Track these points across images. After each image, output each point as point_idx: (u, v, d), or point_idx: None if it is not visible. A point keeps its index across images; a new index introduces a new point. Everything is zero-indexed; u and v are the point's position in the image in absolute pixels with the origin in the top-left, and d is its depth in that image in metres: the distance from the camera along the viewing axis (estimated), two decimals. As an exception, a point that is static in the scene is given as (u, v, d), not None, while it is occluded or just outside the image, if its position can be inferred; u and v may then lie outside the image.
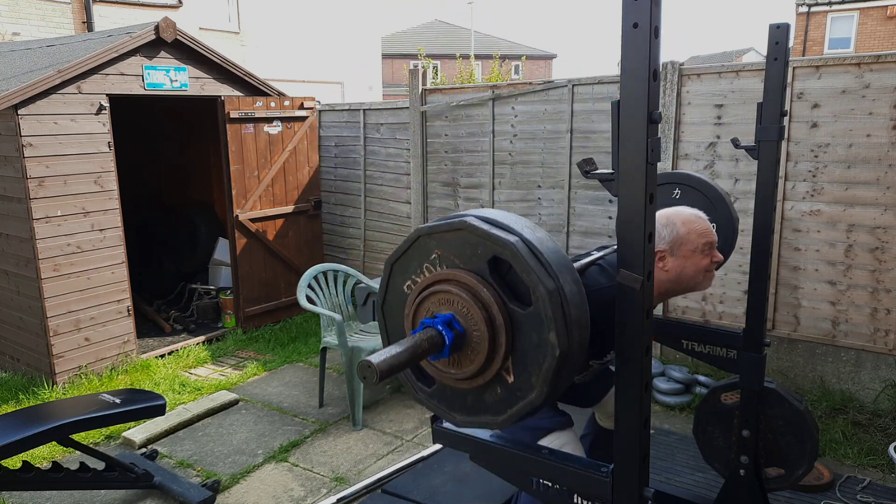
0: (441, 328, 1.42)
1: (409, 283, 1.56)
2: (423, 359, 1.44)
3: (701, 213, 2.12)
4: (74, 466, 3.25)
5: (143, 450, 3.88)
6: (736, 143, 2.68)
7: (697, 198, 2.71)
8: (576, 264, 2.01)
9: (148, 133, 7.34)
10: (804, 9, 21.74)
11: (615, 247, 2.10)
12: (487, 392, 1.51)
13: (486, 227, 1.41)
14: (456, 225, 1.44)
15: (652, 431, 3.41)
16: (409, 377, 1.64)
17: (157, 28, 5.00)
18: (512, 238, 1.38)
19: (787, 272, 4.27)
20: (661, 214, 2.10)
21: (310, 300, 4.42)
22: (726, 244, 2.64)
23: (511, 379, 1.45)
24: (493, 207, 5.51)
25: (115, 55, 4.80)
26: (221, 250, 6.79)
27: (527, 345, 1.41)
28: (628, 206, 1.40)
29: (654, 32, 1.31)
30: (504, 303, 1.41)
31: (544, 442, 2.21)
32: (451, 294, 1.44)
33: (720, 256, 2.09)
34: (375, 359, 1.29)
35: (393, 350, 1.35)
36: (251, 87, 5.81)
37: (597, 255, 2.12)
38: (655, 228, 2.04)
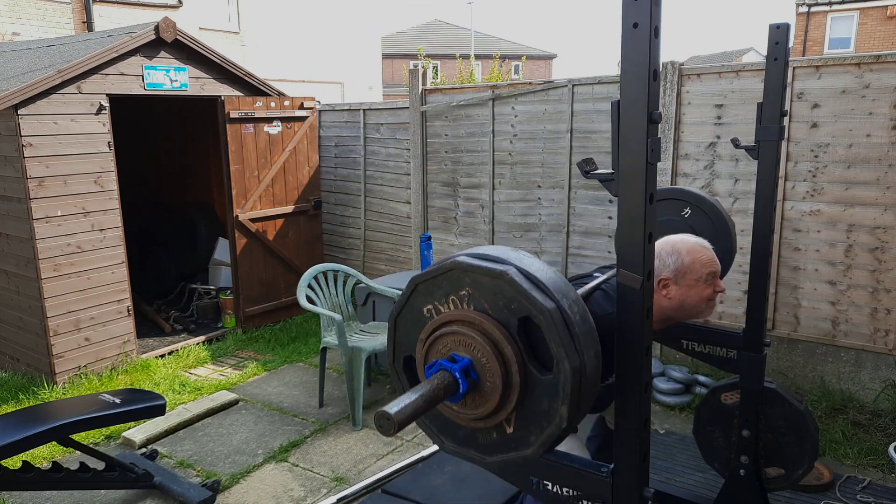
0: (458, 375, 1.40)
1: (430, 307, 1.51)
2: (437, 405, 1.42)
3: (706, 243, 2.13)
4: (74, 466, 3.25)
5: (143, 450, 3.88)
6: (736, 143, 2.69)
7: (704, 222, 2.73)
8: (579, 290, 1.97)
9: (148, 133, 7.34)
10: (804, 9, 21.74)
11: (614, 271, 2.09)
12: (483, 433, 1.50)
13: (526, 285, 1.36)
14: (496, 273, 1.39)
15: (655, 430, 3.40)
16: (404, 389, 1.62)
17: (157, 28, 5.00)
18: (550, 305, 1.34)
19: (787, 272, 4.27)
20: (667, 242, 2.10)
21: (310, 300, 4.42)
22: (722, 271, 2.67)
23: (510, 430, 1.45)
24: (492, 207, 5.52)
25: (115, 55, 4.80)
26: (221, 250, 6.79)
27: (535, 407, 1.39)
28: (628, 206, 1.40)
29: (654, 32, 1.31)
30: (523, 361, 1.38)
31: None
32: (473, 340, 1.41)
33: (723, 286, 2.11)
34: (392, 409, 1.26)
35: (410, 398, 1.32)
36: (251, 87, 5.81)
37: (600, 278, 2.11)
38: (660, 256, 2.06)
